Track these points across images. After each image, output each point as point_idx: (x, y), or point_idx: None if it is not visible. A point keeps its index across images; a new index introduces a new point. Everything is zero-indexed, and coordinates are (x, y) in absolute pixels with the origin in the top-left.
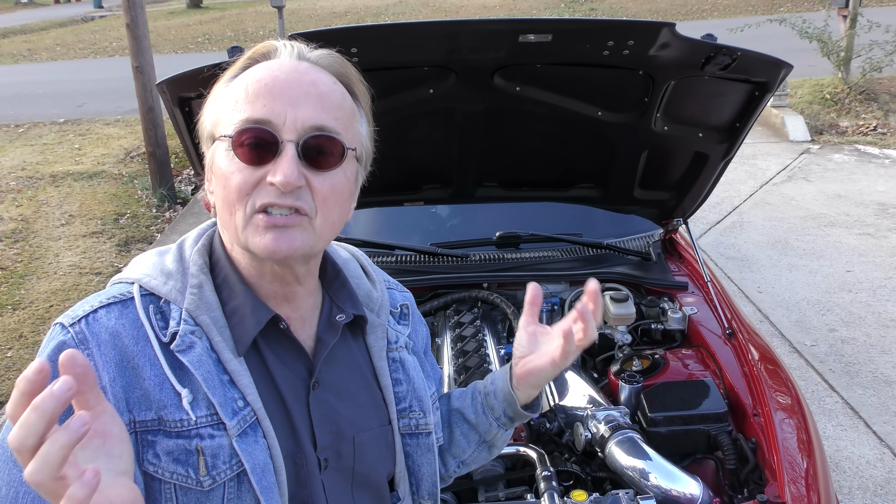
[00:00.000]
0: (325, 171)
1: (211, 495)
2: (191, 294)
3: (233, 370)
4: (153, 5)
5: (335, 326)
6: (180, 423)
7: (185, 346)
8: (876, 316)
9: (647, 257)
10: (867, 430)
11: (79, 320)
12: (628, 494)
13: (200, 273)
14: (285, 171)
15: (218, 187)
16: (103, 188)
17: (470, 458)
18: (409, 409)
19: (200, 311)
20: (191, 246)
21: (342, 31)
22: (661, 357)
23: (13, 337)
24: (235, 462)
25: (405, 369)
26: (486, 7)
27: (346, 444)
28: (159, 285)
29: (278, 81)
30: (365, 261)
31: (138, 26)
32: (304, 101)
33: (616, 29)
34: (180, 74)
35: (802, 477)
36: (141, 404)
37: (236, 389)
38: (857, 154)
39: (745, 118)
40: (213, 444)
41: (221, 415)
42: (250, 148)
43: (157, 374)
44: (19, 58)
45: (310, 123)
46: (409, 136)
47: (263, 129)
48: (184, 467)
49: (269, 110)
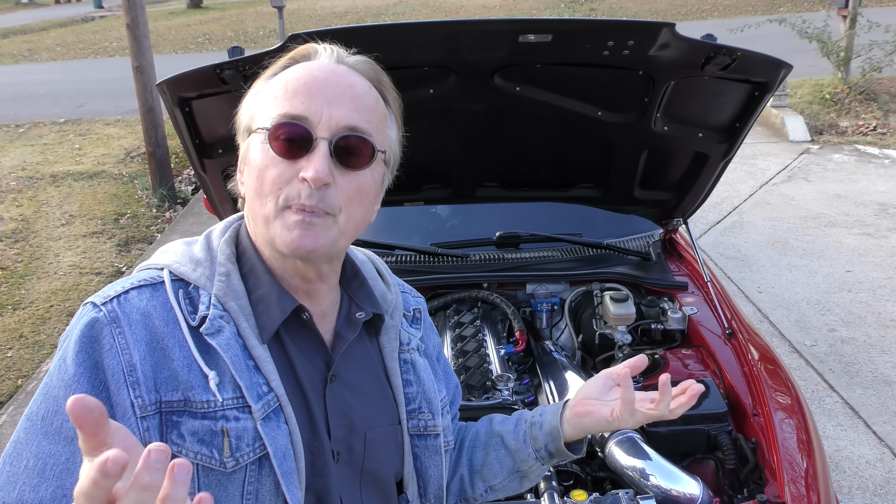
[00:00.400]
0: (355, 170)
1: (233, 477)
2: (219, 281)
3: (258, 356)
4: (153, 5)
5: (354, 323)
6: (207, 405)
7: (215, 330)
8: (876, 316)
9: (647, 257)
10: (867, 430)
11: (110, 300)
12: (628, 494)
13: (228, 262)
14: (317, 166)
15: (250, 178)
16: (103, 188)
17: (499, 485)
18: (419, 411)
19: (228, 297)
20: (218, 236)
21: (342, 31)
22: (661, 357)
23: (13, 337)
24: (259, 445)
25: (416, 371)
26: (486, 7)
27: (358, 439)
28: (188, 271)
29: (317, 80)
30: (380, 264)
31: (138, 26)
32: (339, 100)
33: (616, 29)
34: (180, 74)
35: (802, 477)
36: (168, 384)
37: (261, 375)
38: (857, 154)
39: (744, 118)
40: (237, 426)
41: (248, 397)
42: (285, 142)
43: (185, 355)
44: (19, 58)
45: (344, 123)
46: (410, 136)
47: (299, 125)
48: (208, 448)
49: (306, 107)
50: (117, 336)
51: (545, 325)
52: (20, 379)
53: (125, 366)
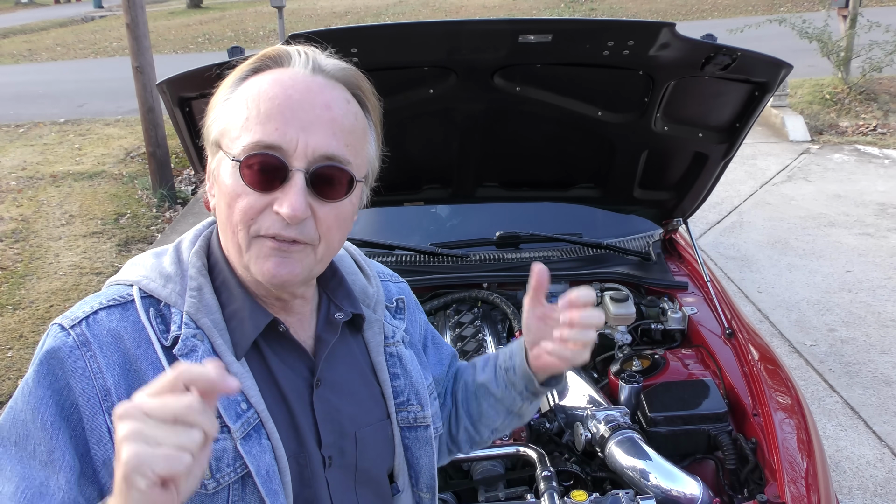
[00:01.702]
0: (332, 201)
1: (216, 498)
2: (191, 297)
3: (235, 373)
4: (153, 5)
5: (334, 325)
6: None
7: (188, 350)
8: (876, 316)
9: (647, 257)
10: (867, 430)
11: (79, 322)
12: (628, 494)
13: (199, 275)
14: (293, 203)
15: (221, 202)
16: (103, 188)
17: (502, 426)
18: (407, 403)
19: (201, 313)
20: (188, 248)
21: (342, 31)
22: (661, 357)
23: (13, 337)
24: (240, 465)
25: (402, 364)
26: (486, 7)
27: (349, 440)
28: (158, 288)
29: (290, 101)
30: (358, 255)
31: (138, 26)
32: (315, 125)
33: (616, 29)
34: (180, 74)
35: (802, 477)
36: None
37: (239, 393)
38: (857, 154)
39: (744, 118)
40: (216, 447)
41: (225, 418)
42: (258, 172)
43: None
44: (19, 58)
45: (321, 152)
46: (409, 136)
47: (272, 156)
48: None
49: (280, 134)
50: (89, 360)
51: None
52: (20, 379)
53: (99, 390)
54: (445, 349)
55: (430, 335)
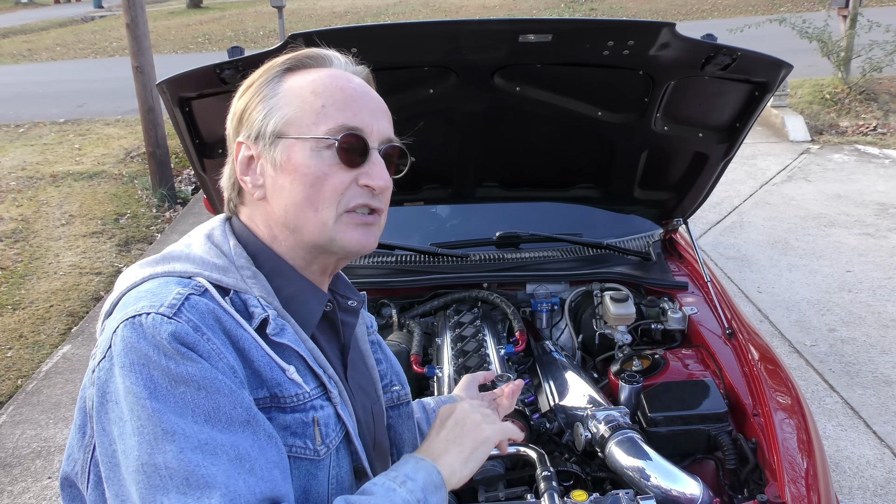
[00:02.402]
0: (394, 176)
1: (321, 464)
2: (252, 282)
3: (311, 348)
4: (153, 5)
5: (351, 311)
6: (296, 398)
7: (279, 329)
8: (876, 316)
9: (647, 257)
10: (867, 430)
11: (179, 308)
12: (628, 494)
13: (249, 265)
14: (383, 174)
15: (297, 184)
16: (103, 188)
17: None
18: (391, 385)
19: (270, 297)
20: (223, 240)
21: (342, 31)
22: (661, 357)
23: (13, 337)
24: (339, 428)
25: (382, 349)
26: (486, 7)
27: (369, 415)
28: (222, 277)
29: (357, 93)
30: None
31: (138, 26)
32: (378, 114)
33: (616, 29)
34: (180, 74)
35: (802, 477)
36: (253, 382)
37: (319, 365)
38: (857, 154)
39: (745, 118)
40: (324, 413)
41: (327, 385)
42: (347, 151)
43: (261, 354)
44: (19, 58)
45: (385, 135)
46: (409, 136)
47: (360, 136)
48: (301, 439)
49: (360, 120)
50: (207, 343)
51: (545, 325)
52: (20, 379)
53: (227, 368)
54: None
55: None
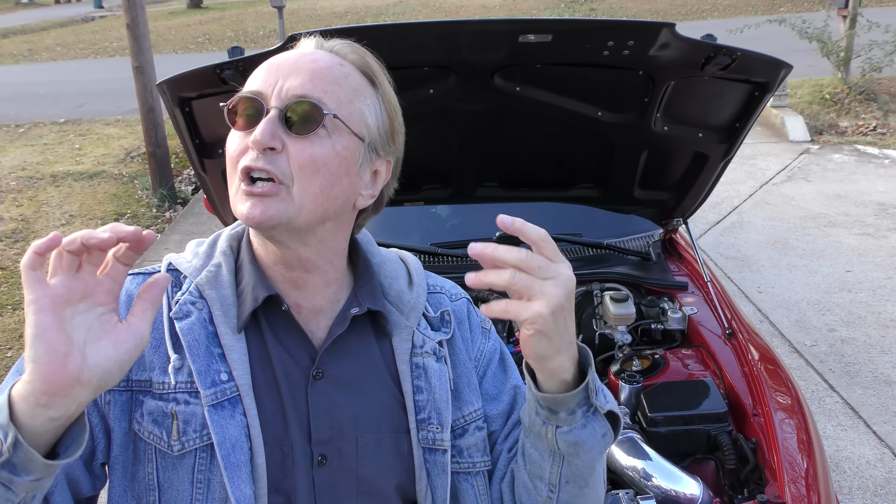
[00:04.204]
0: (303, 136)
1: (182, 462)
2: (207, 272)
3: (226, 344)
4: (153, 5)
5: (346, 319)
6: (162, 386)
7: (182, 315)
8: (876, 316)
9: (647, 257)
10: (867, 430)
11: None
12: (628, 494)
13: (222, 255)
14: (260, 129)
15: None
16: (103, 188)
17: (552, 476)
18: (428, 421)
19: (209, 286)
20: (227, 232)
21: (342, 31)
22: (661, 357)
23: (13, 337)
24: (206, 433)
25: (427, 377)
26: (486, 7)
27: (349, 442)
28: (183, 262)
29: (279, 59)
30: (413, 265)
31: (138, 26)
32: (295, 73)
33: (616, 29)
34: (180, 74)
35: (802, 477)
36: (139, 364)
37: (224, 363)
38: (857, 154)
39: (744, 118)
40: (186, 410)
41: (198, 383)
42: (241, 116)
43: (157, 336)
44: (19, 58)
45: (294, 92)
46: (409, 136)
47: (253, 99)
48: (159, 429)
49: (262, 82)
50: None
51: None
52: None
53: None
54: (511, 380)
55: (496, 362)
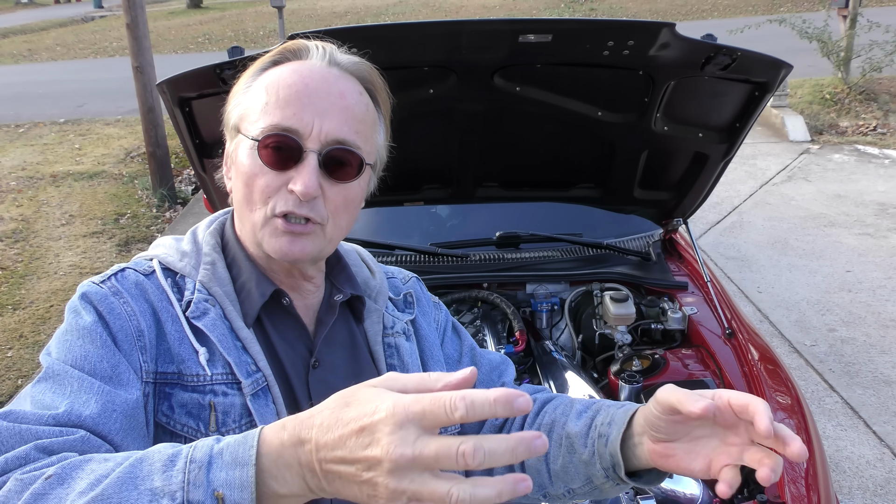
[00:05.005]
0: (342, 182)
1: None
2: (204, 269)
3: (244, 337)
4: (153, 5)
5: (333, 307)
6: (197, 378)
7: (200, 312)
8: (876, 316)
9: (647, 257)
10: (867, 430)
11: (108, 277)
12: (628, 494)
13: (213, 252)
14: (306, 181)
15: (238, 182)
16: (103, 188)
17: (580, 491)
18: None
19: (213, 283)
20: (203, 230)
21: (342, 31)
22: (661, 357)
23: (13, 337)
24: (245, 421)
25: (400, 355)
26: (486, 7)
27: None
28: (175, 261)
29: (308, 89)
30: (364, 253)
31: (138, 26)
32: (330, 112)
33: (616, 29)
34: (180, 74)
35: (802, 477)
36: (165, 356)
37: (248, 355)
38: (857, 154)
39: (744, 118)
40: (225, 401)
41: (237, 374)
42: (275, 152)
43: (178, 330)
44: (19, 58)
45: (333, 136)
46: (409, 136)
47: (289, 137)
48: (195, 421)
49: (297, 119)
50: (123, 305)
51: (545, 325)
52: (20, 379)
53: (134, 330)
54: (466, 341)
55: (450, 328)
